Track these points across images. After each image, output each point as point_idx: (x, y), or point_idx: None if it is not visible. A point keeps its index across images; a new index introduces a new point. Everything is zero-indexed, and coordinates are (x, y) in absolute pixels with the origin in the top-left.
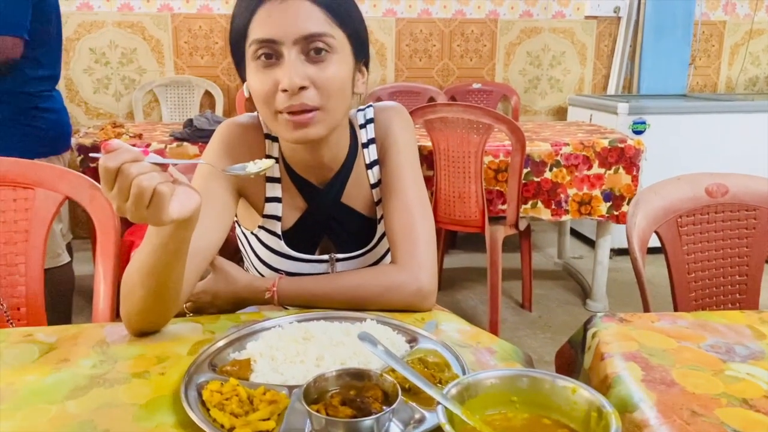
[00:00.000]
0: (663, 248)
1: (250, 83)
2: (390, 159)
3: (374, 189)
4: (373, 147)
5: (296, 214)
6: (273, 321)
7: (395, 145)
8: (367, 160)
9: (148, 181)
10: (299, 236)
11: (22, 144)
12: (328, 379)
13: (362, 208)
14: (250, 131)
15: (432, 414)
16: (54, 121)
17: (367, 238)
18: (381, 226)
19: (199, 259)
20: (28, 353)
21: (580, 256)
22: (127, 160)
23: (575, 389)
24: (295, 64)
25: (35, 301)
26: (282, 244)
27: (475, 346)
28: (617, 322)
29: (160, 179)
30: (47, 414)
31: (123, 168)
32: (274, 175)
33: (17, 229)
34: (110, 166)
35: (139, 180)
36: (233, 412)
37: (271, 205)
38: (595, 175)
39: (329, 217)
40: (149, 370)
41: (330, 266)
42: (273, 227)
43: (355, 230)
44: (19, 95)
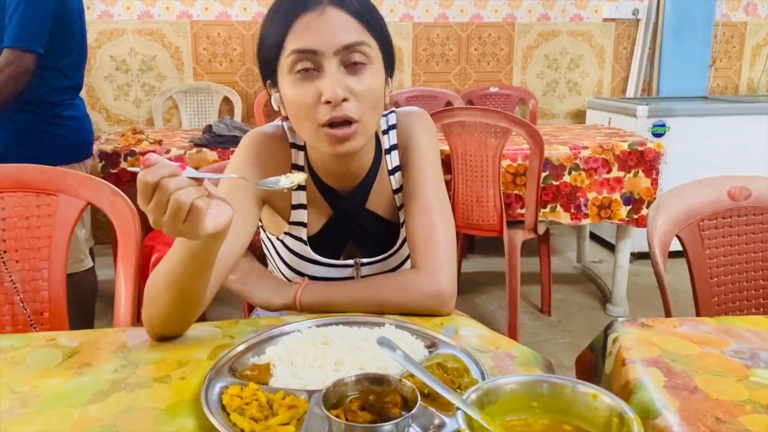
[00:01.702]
0: (685, 252)
1: (288, 96)
2: (412, 164)
3: (397, 194)
4: (395, 153)
5: (322, 220)
6: (292, 326)
7: (417, 150)
8: (389, 166)
9: (186, 196)
10: (325, 242)
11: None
12: (348, 384)
13: (385, 213)
14: (276, 141)
15: (452, 419)
16: (76, 128)
17: (390, 242)
18: (404, 230)
19: (222, 266)
20: (51, 357)
21: (600, 260)
22: (166, 175)
23: (596, 395)
24: (337, 75)
25: (58, 306)
26: (308, 250)
27: (494, 351)
28: (639, 327)
29: (197, 194)
30: (70, 418)
31: (162, 183)
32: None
33: (40, 234)
34: (149, 180)
35: (177, 195)
36: (253, 416)
37: (297, 212)
38: (615, 179)
39: (354, 223)
40: (170, 375)
41: (355, 270)
42: (299, 233)
43: (378, 235)
44: (41, 105)
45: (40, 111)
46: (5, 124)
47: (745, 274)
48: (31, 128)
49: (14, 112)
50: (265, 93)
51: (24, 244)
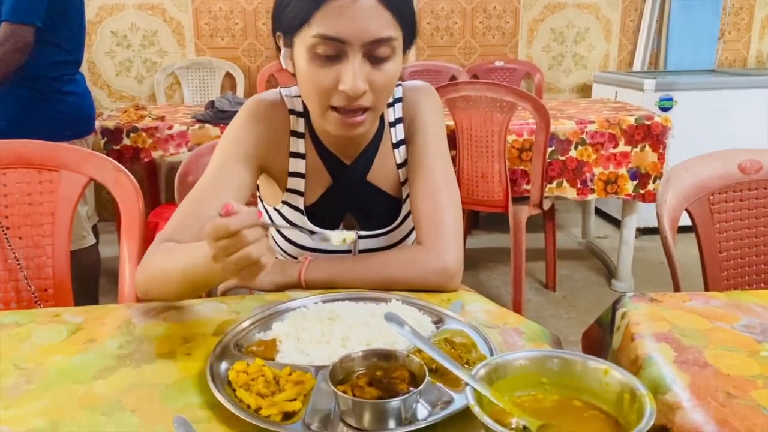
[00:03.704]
0: (694, 227)
1: (303, 69)
2: (418, 139)
3: (400, 169)
4: (400, 126)
5: (320, 189)
6: (298, 302)
7: (423, 126)
8: (393, 140)
9: (257, 251)
10: (322, 212)
11: (45, 127)
12: (355, 359)
13: (387, 188)
14: (275, 108)
15: (460, 395)
16: (77, 104)
17: (392, 218)
18: (406, 206)
19: None
20: (56, 333)
21: (605, 235)
22: (247, 226)
23: (607, 371)
24: (360, 67)
25: (62, 283)
26: (305, 220)
27: (502, 327)
28: (647, 302)
29: (265, 249)
30: (75, 394)
31: (242, 233)
32: (299, 151)
33: (43, 211)
34: (233, 229)
35: (250, 249)
36: (259, 392)
37: (293, 179)
38: (621, 153)
39: (353, 194)
40: (175, 351)
41: (353, 243)
42: (296, 202)
43: (379, 209)
44: (41, 80)
45: (40, 86)
46: (6, 100)
47: (755, 248)
48: (32, 104)
49: (14, 88)
50: (268, 68)
51: (27, 221)
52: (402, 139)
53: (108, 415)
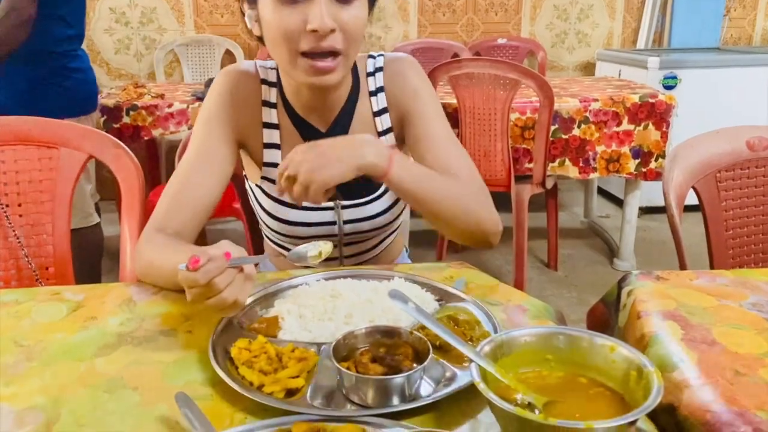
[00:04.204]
0: (700, 205)
1: (269, 19)
2: (417, 111)
3: (383, 137)
4: (382, 95)
5: None
6: (300, 279)
7: (420, 98)
8: (375, 108)
9: (231, 294)
10: None
11: (51, 104)
12: (358, 336)
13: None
14: (247, 77)
15: (463, 372)
16: (82, 80)
17: (375, 186)
18: None
19: (203, 216)
20: (56, 311)
21: (607, 214)
22: (216, 275)
23: (614, 347)
24: (328, 8)
25: (63, 261)
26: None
27: (505, 304)
28: (653, 280)
29: (239, 290)
30: (76, 371)
31: (212, 283)
32: (272, 121)
33: (43, 188)
34: (202, 282)
35: (223, 295)
36: (262, 369)
37: (269, 152)
38: (624, 132)
39: None
40: (176, 328)
41: (335, 214)
42: (275, 176)
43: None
44: (47, 55)
45: (47, 62)
46: (11, 78)
47: (761, 226)
48: (38, 80)
49: (21, 64)
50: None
51: (27, 199)
52: (384, 107)
53: (109, 392)
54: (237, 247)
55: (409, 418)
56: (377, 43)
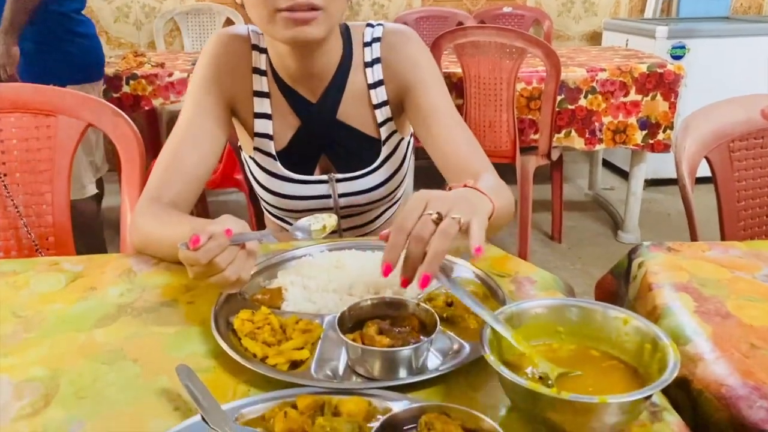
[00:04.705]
0: (713, 175)
1: None
2: (419, 81)
3: (378, 109)
4: (378, 67)
5: (290, 132)
6: (303, 250)
7: (421, 68)
8: (370, 80)
9: (233, 272)
10: (295, 156)
11: (57, 69)
12: (363, 308)
13: (362, 127)
14: (238, 42)
15: (471, 344)
16: (88, 47)
17: (370, 159)
18: (386, 148)
19: (198, 185)
20: (55, 281)
21: (612, 187)
22: (217, 254)
23: (627, 320)
24: None
25: (63, 231)
26: (278, 165)
27: (513, 276)
28: (665, 252)
29: (241, 267)
30: (75, 342)
31: (214, 261)
32: (263, 89)
33: (41, 157)
34: (204, 262)
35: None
36: (265, 341)
37: (260, 122)
38: (632, 102)
39: (325, 135)
40: (178, 299)
41: (330, 187)
42: (267, 147)
43: (354, 149)
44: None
45: (52, 25)
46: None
47: None
48: (44, 44)
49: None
50: None
51: (25, 168)
52: (380, 80)
53: (109, 364)
54: (239, 222)
55: (415, 391)
56: (380, 11)
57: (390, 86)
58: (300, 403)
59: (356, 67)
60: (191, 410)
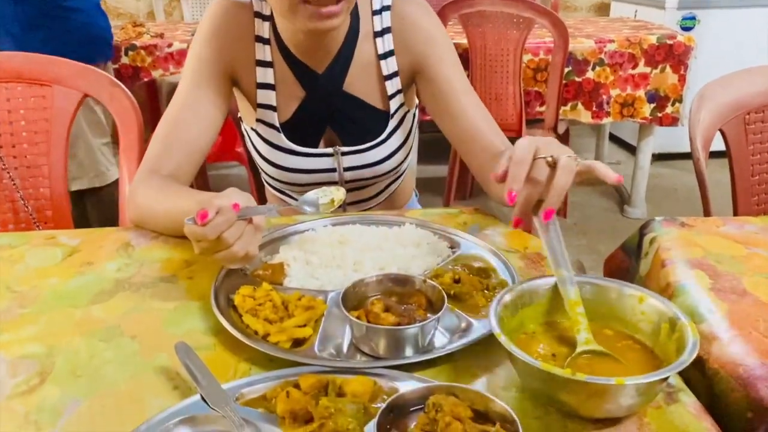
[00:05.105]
0: (726, 148)
1: None
2: (435, 57)
3: (388, 81)
4: (388, 37)
5: (294, 103)
6: (305, 224)
7: (436, 43)
8: (380, 50)
9: (241, 247)
10: (299, 128)
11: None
12: (369, 284)
13: (370, 99)
14: (240, 9)
15: (480, 322)
16: (84, 23)
17: (377, 132)
18: (394, 121)
19: (198, 156)
20: (50, 256)
21: (618, 161)
22: (225, 229)
23: (643, 298)
24: None
25: (61, 204)
26: (282, 138)
27: (522, 251)
28: (678, 227)
29: (249, 242)
30: (71, 318)
31: (222, 237)
32: (266, 59)
33: (37, 129)
34: (211, 237)
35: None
36: (267, 318)
37: (264, 92)
38: (640, 75)
39: (331, 107)
40: (177, 274)
41: (335, 160)
42: (270, 119)
43: (361, 121)
44: None
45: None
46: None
47: None
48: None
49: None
50: None
51: (21, 139)
52: (391, 50)
53: (106, 340)
54: (245, 195)
55: (422, 370)
56: None
57: (402, 58)
58: (303, 382)
59: (365, 37)
60: (191, 389)
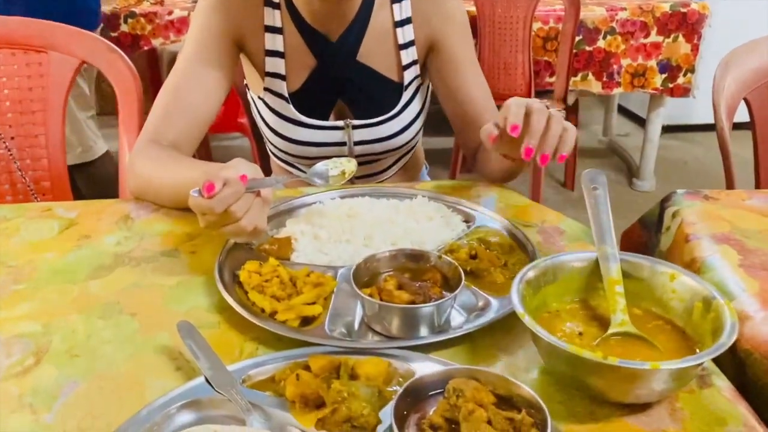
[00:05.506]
0: (750, 118)
1: None
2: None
3: (403, 50)
4: (406, 4)
5: (304, 72)
6: (313, 197)
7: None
8: (397, 17)
9: (249, 221)
10: (309, 99)
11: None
12: (381, 260)
13: (384, 70)
14: None
15: (498, 300)
16: None
17: (390, 104)
18: (408, 93)
19: (202, 125)
20: (47, 229)
21: (627, 133)
22: (233, 202)
23: (674, 275)
24: None
25: (59, 175)
26: (290, 108)
27: (540, 225)
28: (702, 200)
29: (257, 218)
30: (69, 294)
31: (230, 210)
32: (275, 24)
33: (33, 97)
34: (218, 212)
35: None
36: (274, 295)
37: (272, 60)
38: (652, 44)
39: (343, 77)
40: (179, 248)
41: (345, 134)
42: (278, 88)
43: (374, 94)
44: None
45: None
46: None
47: None
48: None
49: None
50: None
51: (17, 108)
52: (408, 17)
53: (105, 318)
54: (252, 166)
55: (438, 351)
56: None
57: (419, 31)
58: (313, 364)
59: (381, 3)
60: (194, 370)
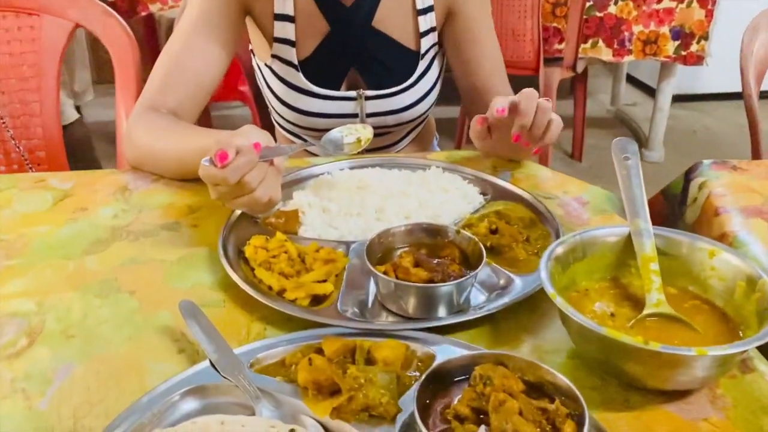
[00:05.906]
0: None
1: None
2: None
3: (422, 16)
4: None
5: (316, 39)
6: (321, 167)
7: None
8: None
9: (264, 192)
10: (320, 67)
11: None
12: (396, 235)
13: (401, 37)
14: None
15: (521, 278)
16: None
17: (406, 74)
18: (424, 62)
19: (204, 92)
20: (40, 201)
21: (635, 102)
22: (246, 172)
23: (714, 252)
24: None
25: (55, 144)
26: (300, 77)
27: (561, 197)
28: (730, 171)
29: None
30: (64, 270)
31: (243, 180)
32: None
33: (25, 62)
34: (231, 182)
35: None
36: (282, 272)
37: (281, 24)
38: (665, 10)
39: (357, 44)
40: (180, 222)
41: (357, 105)
42: (287, 55)
43: (389, 62)
44: None
45: None
46: None
47: None
48: None
49: None
50: None
51: (9, 74)
52: None
53: (102, 296)
54: (264, 134)
55: (457, 333)
56: None
57: None
58: (327, 347)
59: None
60: (198, 353)
